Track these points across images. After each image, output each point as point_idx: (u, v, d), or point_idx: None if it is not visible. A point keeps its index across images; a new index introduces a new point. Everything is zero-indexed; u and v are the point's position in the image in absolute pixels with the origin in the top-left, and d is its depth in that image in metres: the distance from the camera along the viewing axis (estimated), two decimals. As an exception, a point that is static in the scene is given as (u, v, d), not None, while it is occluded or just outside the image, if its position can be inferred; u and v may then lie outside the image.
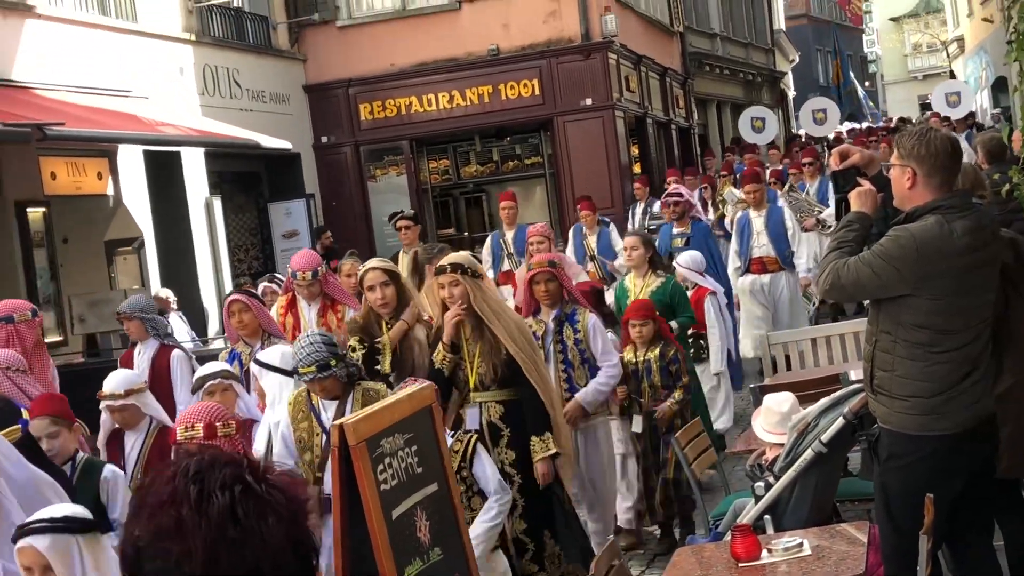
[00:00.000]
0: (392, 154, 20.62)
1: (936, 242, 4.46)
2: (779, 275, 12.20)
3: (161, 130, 14.49)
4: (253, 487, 1.52)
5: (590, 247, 13.58)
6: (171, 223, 15.79)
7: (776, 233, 12.18)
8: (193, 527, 1.48)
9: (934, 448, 4.54)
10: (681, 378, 7.63)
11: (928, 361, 4.52)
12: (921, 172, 4.56)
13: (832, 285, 4.62)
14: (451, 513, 4.84)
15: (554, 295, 7.07)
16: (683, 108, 27.06)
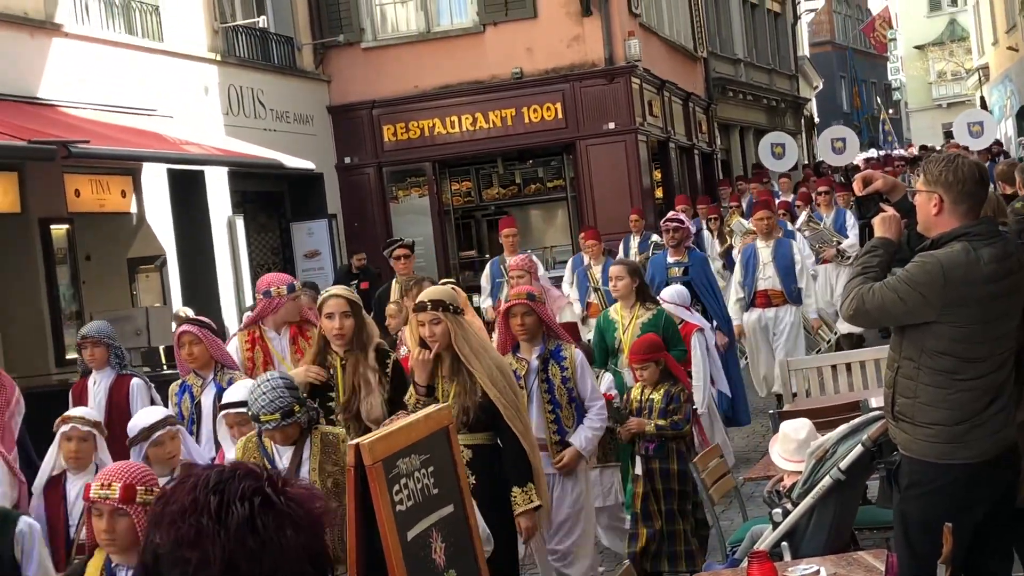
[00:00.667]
0: (415, 175, 20.68)
1: (962, 269, 4.44)
2: (784, 309, 11.79)
3: (185, 149, 14.57)
4: (272, 499, 1.54)
5: (594, 278, 13.19)
6: (194, 242, 15.86)
7: (783, 266, 11.75)
8: (212, 536, 1.51)
9: (956, 476, 4.51)
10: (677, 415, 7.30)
11: (952, 389, 4.49)
12: (948, 199, 4.54)
13: (857, 310, 4.59)
14: (467, 535, 4.84)
15: (531, 329, 6.67)
16: (706, 133, 27.07)
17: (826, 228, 14.99)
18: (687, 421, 7.41)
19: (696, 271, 10.73)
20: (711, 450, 7.15)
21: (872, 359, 9.16)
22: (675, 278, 10.54)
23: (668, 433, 7.27)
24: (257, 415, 5.24)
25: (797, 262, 11.71)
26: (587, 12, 19.69)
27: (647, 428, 7.27)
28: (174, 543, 1.52)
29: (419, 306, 5.92)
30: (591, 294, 12.97)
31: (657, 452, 7.31)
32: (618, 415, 7.31)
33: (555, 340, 6.74)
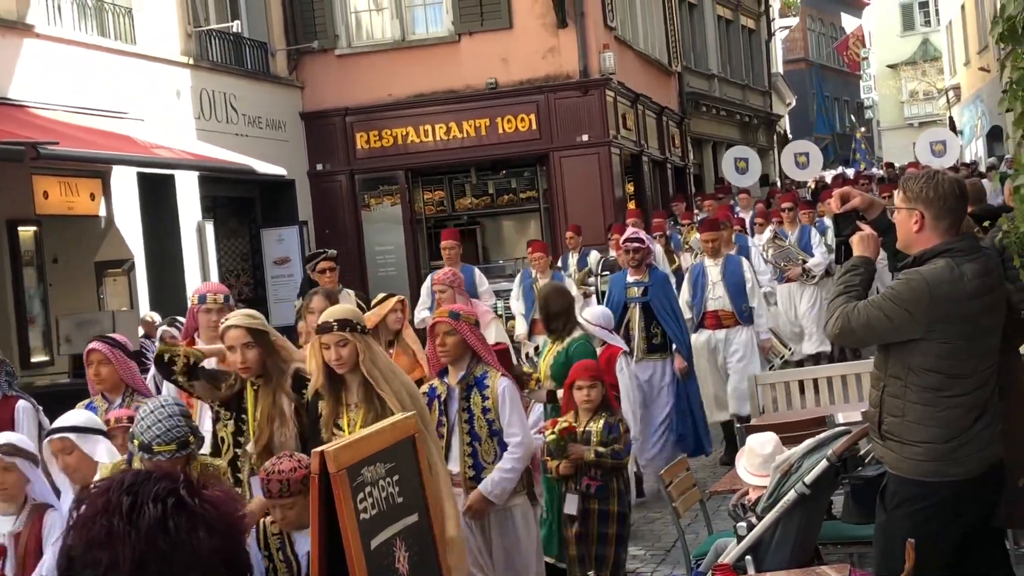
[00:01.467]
0: (387, 184, 20.65)
1: (947, 285, 4.43)
2: (735, 330, 11.20)
3: (156, 152, 14.49)
4: (186, 501, 1.54)
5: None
6: (163, 246, 15.77)
7: (733, 285, 11.16)
8: (123, 537, 1.50)
9: (945, 494, 4.48)
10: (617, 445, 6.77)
11: (939, 406, 4.48)
12: (929, 215, 4.53)
13: (842, 329, 4.58)
14: (431, 545, 4.81)
15: (453, 351, 6.11)
16: (679, 147, 27.15)
17: (791, 246, 14.72)
18: (627, 451, 6.93)
19: (656, 291, 10.24)
20: (678, 463, 7.15)
21: (839, 375, 9.19)
22: (635, 298, 10.17)
23: (608, 463, 6.69)
24: (149, 444, 4.81)
25: (748, 280, 11.21)
26: (562, 24, 19.73)
27: (586, 455, 6.67)
28: (86, 544, 1.52)
29: (323, 327, 5.37)
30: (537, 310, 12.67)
31: (599, 492, 6.75)
32: (557, 446, 6.67)
33: (482, 365, 6.17)
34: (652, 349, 10.17)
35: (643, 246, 10.27)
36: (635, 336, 10.10)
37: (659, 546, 8.58)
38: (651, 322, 10.14)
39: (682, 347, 10.18)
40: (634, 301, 10.15)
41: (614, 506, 6.74)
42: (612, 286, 10.67)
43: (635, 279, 10.27)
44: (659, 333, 10.13)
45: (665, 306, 10.14)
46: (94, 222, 14.96)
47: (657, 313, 10.10)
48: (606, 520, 6.71)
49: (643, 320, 10.14)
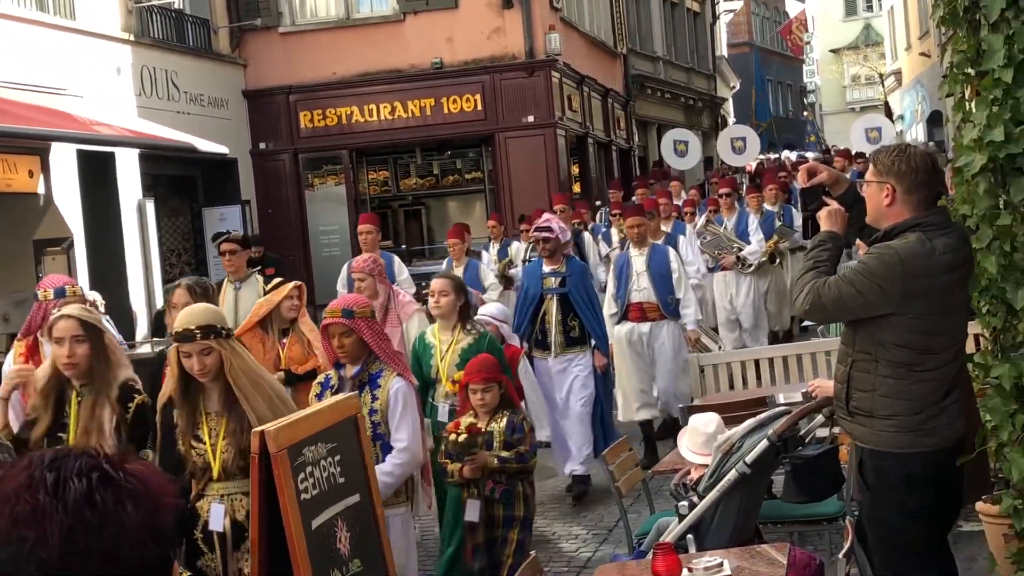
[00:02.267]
0: (331, 163, 20.53)
1: (920, 260, 4.40)
2: (660, 324, 10.45)
3: (96, 129, 14.29)
4: (111, 474, 1.54)
5: None
6: (103, 224, 15.57)
7: (659, 276, 10.41)
8: (50, 512, 1.50)
9: (920, 465, 4.49)
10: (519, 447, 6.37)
11: (910, 380, 4.47)
12: (901, 189, 4.50)
13: (813, 305, 4.54)
14: (373, 524, 4.80)
15: (352, 352, 5.67)
16: (624, 129, 27.21)
17: (725, 233, 14.09)
18: (533, 453, 6.47)
19: (574, 282, 9.49)
20: (620, 443, 7.18)
21: (780, 356, 9.27)
22: (552, 289, 9.47)
23: (513, 467, 6.30)
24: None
25: (674, 271, 10.45)
26: (508, 4, 19.68)
27: (489, 461, 6.27)
28: (10, 522, 1.51)
29: (184, 335, 4.84)
30: None
31: (504, 497, 6.37)
32: (462, 448, 6.24)
33: (378, 363, 5.70)
34: (571, 342, 9.52)
35: (552, 235, 9.45)
36: (551, 329, 9.48)
37: (602, 525, 8.63)
38: (568, 314, 9.47)
39: (601, 342, 9.59)
40: (551, 292, 9.51)
41: (520, 510, 6.40)
42: (526, 277, 9.91)
43: (551, 269, 9.56)
44: (577, 326, 9.48)
45: (583, 297, 9.49)
46: (32, 200, 14.72)
47: (576, 305, 9.45)
48: (510, 525, 6.36)
49: (560, 312, 9.47)
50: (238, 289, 9.45)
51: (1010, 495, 4.73)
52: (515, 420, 6.45)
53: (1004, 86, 4.49)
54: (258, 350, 7.43)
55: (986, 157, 4.51)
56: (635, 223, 10.72)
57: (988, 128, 4.50)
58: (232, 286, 9.50)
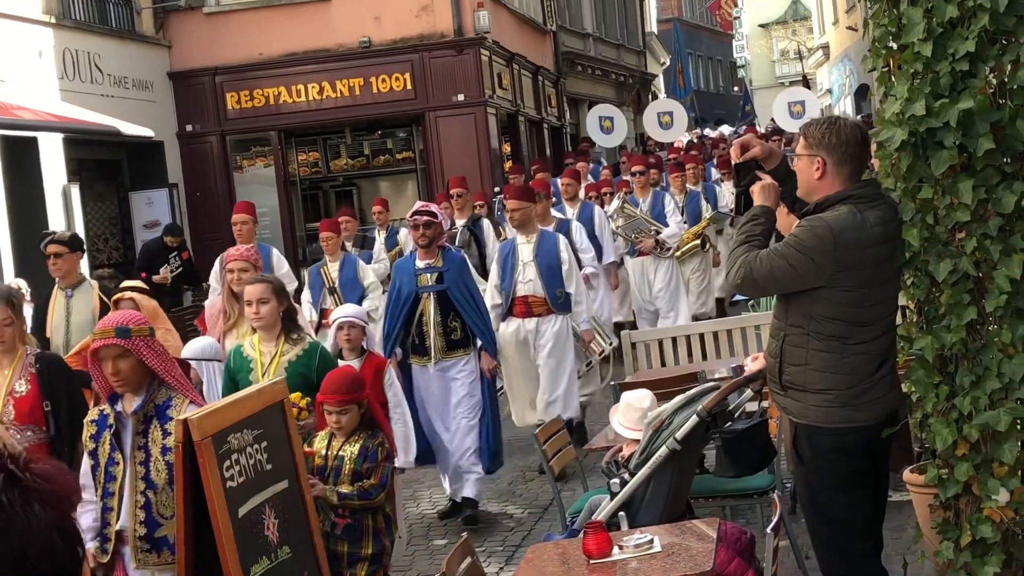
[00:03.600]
0: (260, 145, 20.32)
1: (851, 232, 4.40)
2: (547, 320, 9.42)
3: (17, 114, 14.02)
4: (17, 475, 1.51)
5: (330, 277, 11.20)
6: (27, 211, 15.29)
7: (547, 266, 9.35)
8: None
9: (854, 440, 4.51)
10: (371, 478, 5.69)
11: (844, 353, 4.48)
12: (831, 161, 4.50)
13: (744, 279, 4.54)
14: (301, 511, 4.76)
15: (131, 379, 4.81)
16: (555, 107, 27.21)
17: (642, 215, 13.10)
18: (382, 487, 5.71)
19: (452, 277, 8.34)
20: (553, 422, 7.18)
21: (711, 331, 9.33)
22: (428, 287, 8.32)
23: (355, 503, 5.60)
24: None
25: (564, 261, 9.38)
26: (436, -18, 19.55)
27: (328, 496, 5.57)
28: None
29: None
30: (326, 297, 11.05)
31: (348, 533, 5.65)
32: None
33: (166, 390, 4.90)
34: (452, 345, 8.32)
35: (435, 220, 8.31)
36: (430, 332, 8.29)
37: (536, 504, 8.64)
38: (448, 314, 8.30)
39: (487, 341, 8.46)
40: (427, 290, 8.31)
41: (367, 547, 5.69)
42: (397, 273, 8.59)
43: (426, 264, 8.36)
44: (459, 326, 8.32)
45: (464, 294, 8.36)
46: (-47, 186, 14.44)
47: (456, 302, 8.30)
48: (355, 563, 5.65)
49: (439, 312, 8.29)
50: (70, 297, 8.53)
51: (935, 465, 4.78)
52: (369, 446, 5.74)
53: (924, 60, 4.52)
54: None
55: (907, 131, 4.54)
56: (516, 206, 9.48)
57: (909, 102, 4.53)
58: (63, 293, 8.56)
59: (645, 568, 4.32)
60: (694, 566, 4.25)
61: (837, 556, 4.66)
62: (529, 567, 4.63)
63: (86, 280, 8.72)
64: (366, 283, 11.20)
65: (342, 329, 7.00)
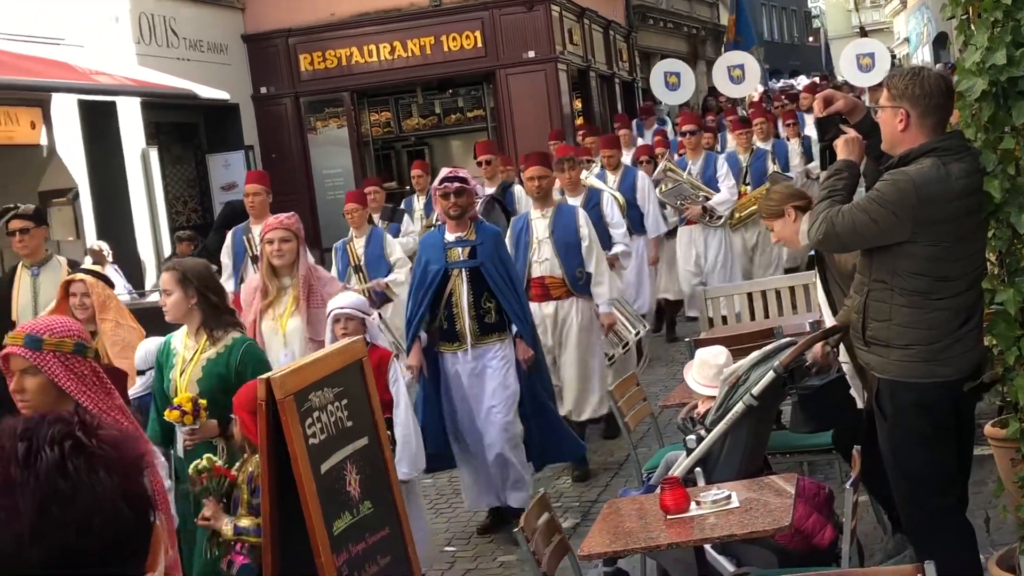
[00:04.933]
0: (332, 106, 20.42)
1: (935, 185, 4.35)
2: (567, 303, 8.56)
3: (96, 79, 14.21)
4: (83, 442, 1.53)
5: (355, 254, 10.46)
6: (107, 174, 15.55)
7: (564, 244, 8.46)
8: (22, 484, 1.49)
9: (938, 395, 4.49)
10: None
11: (927, 309, 4.44)
12: (915, 113, 4.45)
13: (826, 235, 4.51)
14: (382, 467, 4.83)
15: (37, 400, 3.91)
16: (627, 62, 26.99)
17: (687, 180, 11.93)
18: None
19: (487, 252, 7.33)
20: (628, 378, 7.20)
21: (787, 287, 9.27)
22: (458, 262, 7.31)
23: (252, 539, 4.63)
24: None
25: (583, 237, 8.46)
26: (506, -61, 19.46)
27: (223, 528, 4.70)
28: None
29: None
30: (351, 276, 10.28)
31: (244, 573, 4.70)
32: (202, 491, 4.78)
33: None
34: (486, 330, 7.33)
35: (467, 187, 7.31)
36: (461, 315, 7.30)
37: (611, 460, 8.68)
38: (482, 293, 7.30)
39: (523, 326, 7.43)
40: (458, 266, 7.33)
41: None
42: (424, 248, 7.63)
43: (457, 236, 7.37)
44: (493, 308, 7.31)
45: (500, 271, 7.35)
46: (35, 151, 14.69)
47: (490, 280, 7.30)
48: None
49: (471, 292, 7.30)
50: (36, 275, 7.83)
51: (1017, 419, 4.73)
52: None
53: (1004, 7, 4.43)
54: None
55: (988, 81, 4.47)
56: (535, 174, 8.61)
57: (989, 51, 4.45)
58: (28, 272, 7.89)
59: (723, 523, 4.33)
60: (772, 521, 4.25)
61: (919, 511, 4.64)
62: (606, 522, 4.67)
63: (53, 257, 8.02)
64: (392, 259, 10.42)
65: (338, 322, 6.01)
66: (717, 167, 12.11)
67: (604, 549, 4.38)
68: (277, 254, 6.72)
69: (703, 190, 11.91)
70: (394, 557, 4.69)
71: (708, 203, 11.87)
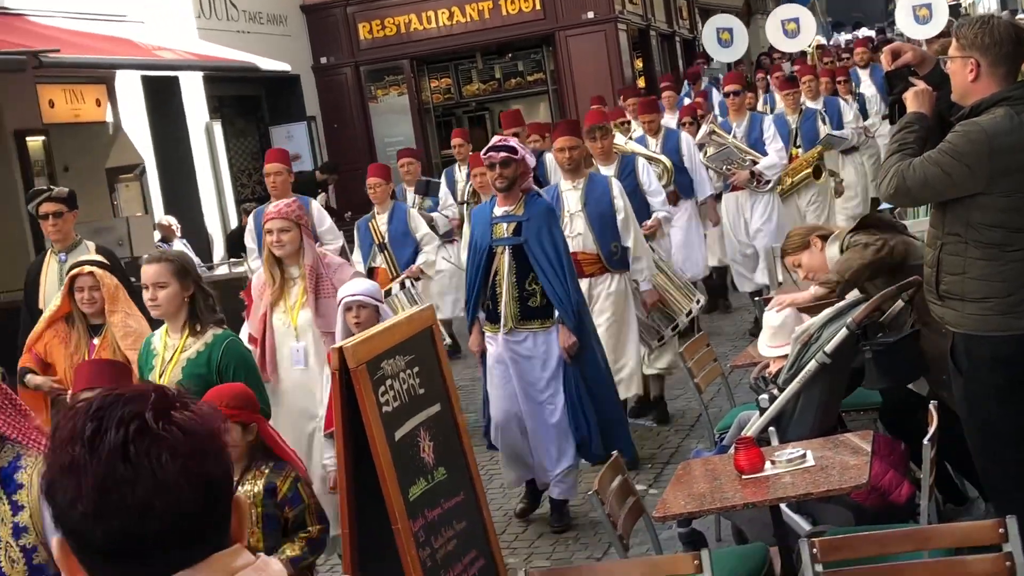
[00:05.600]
0: (393, 74, 20.44)
1: (1008, 136, 4.29)
2: (602, 280, 7.95)
3: (158, 55, 14.34)
4: (149, 424, 1.52)
5: (379, 232, 10.02)
6: (172, 149, 15.71)
7: (598, 216, 7.86)
8: (84, 465, 1.51)
9: (1013, 348, 4.42)
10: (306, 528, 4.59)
11: (1002, 260, 4.38)
12: (985, 63, 4.37)
13: (898, 188, 4.44)
14: (454, 433, 4.86)
15: None
16: (687, 19, 26.72)
17: (733, 143, 11.12)
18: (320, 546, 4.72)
19: (534, 229, 6.82)
20: (700, 338, 7.17)
21: (857, 242, 9.14)
22: (503, 240, 6.86)
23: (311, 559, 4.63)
24: None
25: (619, 209, 7.84)
26: (561, -101, 19.29)
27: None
28: (58, 470, 1.54)
29: None
30: (376, 255, 9.90)
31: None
32: None
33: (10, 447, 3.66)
34: (529, 314, 6.85)
35: (515, 157, 6.79)
36: (503, 295, 6.85)
37: (683, 422, 8.66)
38: (527, 274, 6.83)
39: (567, 312, 6.82)
40: (501, 243, 6.86)
41: None
42: (474, 222, 7.22)
43: (504, 210, 6.90)
44: (539, 291, 6.82)
45: (547, 252, 6.81)
46: (101, 128, 14.87)
47: (533, 261, 6.79)
48: None
49: (514, 272, 6.84)
50: (64, 262, 7.42)
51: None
52: (277, 481, 4.60)
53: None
54: (60, 352, 6.33)
55: (1061, 26, 4.37)
56: (565, 144, 7.93)
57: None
58: (56, 258, 7.63)
59: (798, 482, 4.31)
60: (849, 479, 4.22)
61: (993, 464, 4.59)
62: (680, 484, 4.66)
63: (83, 242, 7.70)
64: (419, 235, 9.86)
65: (350, 310, 5.53)
66: (764, 129, 11.19)
67: (680, 510, 4.38)
68: (277, 244, 6.34)
69: (750, 154, 11.04)
70: (469, 522, 4.72)
71: (756, 167, 10.98)
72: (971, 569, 3.46)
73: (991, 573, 3.42)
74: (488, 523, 4.84)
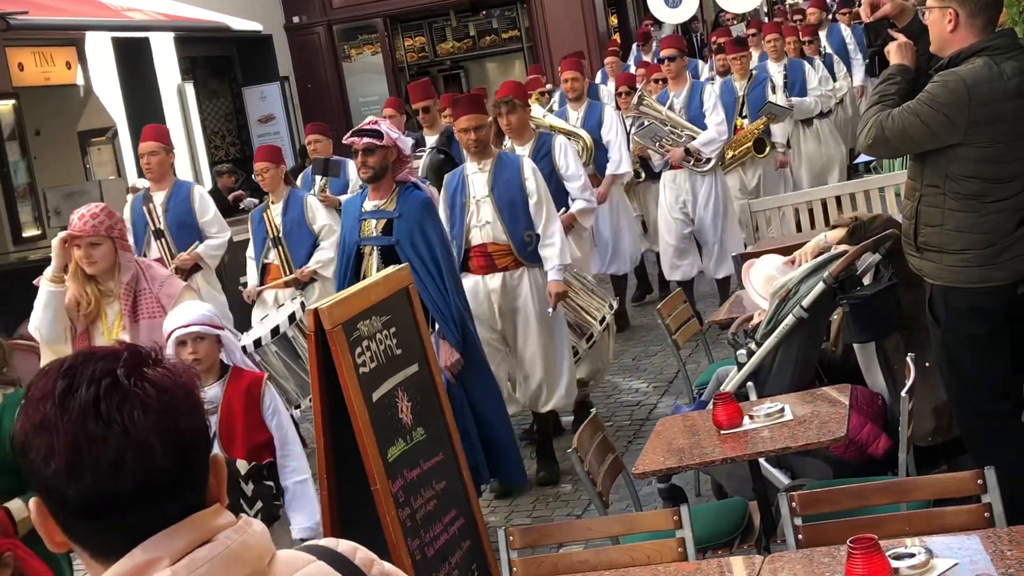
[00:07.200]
0: (366, 33, 20.28)
1: (987, 85, 4.27)
2: (516, 274, 6.92)
3: (128, 16, 14.20)
4: (121, 381, 1.51)
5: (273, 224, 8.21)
6: (144, 111, 15.53)
7: (508, 201, 6.84)
8: (55, 423, 1.50)
9: (992, 300, 4.43)
10: None
11: (980, 212, 4.38)
12: (964, 12, 4.35)
13: (876, 139, 4.43)
14: (433, 393, 4.84)
15: None
16: (661, -25, 26.56)
17: (666, 116, 9.68)
18: None
19: (406, 228, 6.04)
20: (675, 296, 7.16)
21: (833, 196, 9.17)
22: (370, 239, 6.12)
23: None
24: None
25: (531, 193, 6.82)
26: None
27: None
28: (31, 427, 1.53)
29: None
30: (270, 250, 8.18)
31: None
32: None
33: None
34: None
35: (379, 143, 5.98)
36: None
37: (661, 378, 8.68)
38: None
39: (447, 326, 6.02)
40: (369, 243, 6.13)
41: None
42: (343, 216, 6.48)
43: (374, 205, 6.15)
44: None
45: (422, 252, 6.00)
46: (72, 91, 14.71)
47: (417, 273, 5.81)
48: None
49: None
50: None
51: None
52: None
53: (1054, -101, 4.30)
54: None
55: (1037, -23, 4.35)
56: (469, 123, 6.87)
57: (1038, -55, 4.33)
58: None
59: (777, 436, 4.31)
60: (827, 433, 4.22)
61: (972, 415, 4.61)
62: (659, 440, 4.66)
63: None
64: (316, 226, 8.14)
65: (184, 344, 4.50)
66: (704, 99, 9.76)
67: (658, 467, 4.37)
68: (88, 263, 5.28)
69: (686, 128, 9.67)
70: (449, 482, 4.71)
71: (692, 144, 9.60)
72: (950, 520, 3.47)
73: (970, 524, 3.43)
74: (468, 482, 4.84)
